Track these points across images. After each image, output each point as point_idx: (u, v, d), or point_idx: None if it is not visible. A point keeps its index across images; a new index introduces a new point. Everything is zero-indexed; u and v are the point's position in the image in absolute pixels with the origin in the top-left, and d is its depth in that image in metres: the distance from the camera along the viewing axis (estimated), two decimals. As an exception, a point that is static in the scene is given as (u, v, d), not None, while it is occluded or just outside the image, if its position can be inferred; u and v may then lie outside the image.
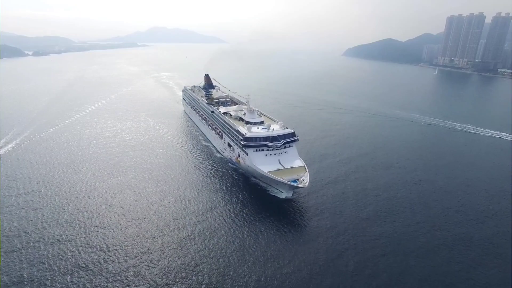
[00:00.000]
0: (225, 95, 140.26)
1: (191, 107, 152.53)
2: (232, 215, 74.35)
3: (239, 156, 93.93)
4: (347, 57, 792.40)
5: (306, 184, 75.69)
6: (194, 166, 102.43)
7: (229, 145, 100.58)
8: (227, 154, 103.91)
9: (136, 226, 69.09)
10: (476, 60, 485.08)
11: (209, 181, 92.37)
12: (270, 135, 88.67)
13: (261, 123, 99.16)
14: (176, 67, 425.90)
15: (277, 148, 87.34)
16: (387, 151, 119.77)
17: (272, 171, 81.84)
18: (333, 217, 73.85)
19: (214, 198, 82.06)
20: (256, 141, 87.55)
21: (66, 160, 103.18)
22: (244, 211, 76.19)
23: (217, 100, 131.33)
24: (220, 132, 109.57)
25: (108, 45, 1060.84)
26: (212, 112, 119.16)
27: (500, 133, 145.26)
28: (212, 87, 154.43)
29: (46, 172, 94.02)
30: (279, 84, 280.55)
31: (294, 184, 76.05)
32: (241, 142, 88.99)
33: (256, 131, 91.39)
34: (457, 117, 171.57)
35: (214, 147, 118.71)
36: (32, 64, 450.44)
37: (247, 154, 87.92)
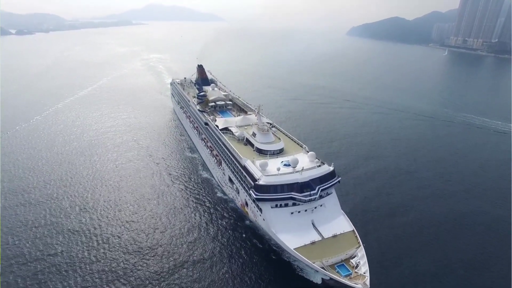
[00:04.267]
0: (225, 95, 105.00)
1: (180, 108, 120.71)
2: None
3: (246, 204, 63.48)
4: (352, 36, 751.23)
5: (368, 282, 43.15)
6: (174, 194, 76.69)
7: (231, 181, 70.07)
8: (228, 191, 73.96)
9: None
10: (493, 41, 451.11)
11: (195, 223, 66.66)
12: (299, 180, 55.89)
13: (280, 151, 67.02)
14: (169, 48, 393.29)
15: (309, 201, 55.76)
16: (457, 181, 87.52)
17: (305, 245, 50.86)
18: None
19: (200, 257, 56.89)
20: (275, 192, 54.99)
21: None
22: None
23: (213, 103, 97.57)
24: (217, 155, 78.66)
25: (101, 23, 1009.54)
26: (206, 124, 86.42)
27: None
28: (207, 82, 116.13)
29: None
30: (290, 73, 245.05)
31: (346, 281, 44.02)
32: (251, 191, 57.03)
33: (275, 172, 57.54)
34: None
35: (203, 159, 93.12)
36: (11, 45, 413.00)
37: (261, 211, 57.51)
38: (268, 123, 77.70)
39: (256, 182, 56.20)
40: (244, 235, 62.35)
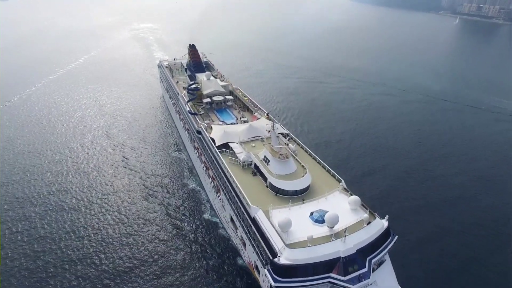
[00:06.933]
0: (223, 86, 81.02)
1: (169, 97, 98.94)
2: None
3: (257, 269, 43.75)
4: (357, 3, 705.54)
5: None
6: (150, 211, 61.11)
7: (233, 222, 50.82)
8: (230, 232, 54.65)
9: None
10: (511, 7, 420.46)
11: (168, 257, 51.65)
12: (341, 254, 35.45)
13: (306, 190, 44.91)
14: (161, 16, 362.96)
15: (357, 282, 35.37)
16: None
17: None
18: None
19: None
20: (305, 275, 34.76)
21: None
22: None
23: (208, 99, 75.65)
24: (214, 179, 58.34)
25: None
26: (199, 133, 64.07)
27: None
28: (202, 68, 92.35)
29: None
30: (299, 48, 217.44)
31: None
32: (267, 271, 36.02)
33: (303, 237, 36.65)
34: None
35: (192, 162, 76.00)
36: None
37: None
38: (282, 134, 56.95)
39: (276, 260, 35.21)
40: (238, 282, 47.10)
